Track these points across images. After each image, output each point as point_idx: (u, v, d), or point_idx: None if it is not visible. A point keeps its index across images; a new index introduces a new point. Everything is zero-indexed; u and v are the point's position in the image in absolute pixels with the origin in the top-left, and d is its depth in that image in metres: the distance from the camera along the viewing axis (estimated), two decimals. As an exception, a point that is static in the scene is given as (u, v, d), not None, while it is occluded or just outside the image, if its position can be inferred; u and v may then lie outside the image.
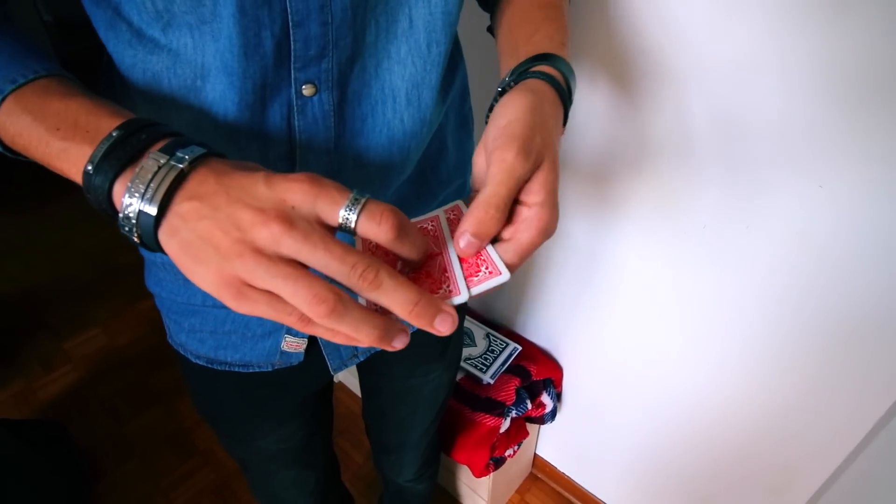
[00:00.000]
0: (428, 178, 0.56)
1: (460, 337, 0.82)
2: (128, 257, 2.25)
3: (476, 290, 0.34)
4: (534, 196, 0.35)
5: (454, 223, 0.40)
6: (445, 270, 0.36)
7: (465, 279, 0.35)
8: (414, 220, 0.41)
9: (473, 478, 1.23)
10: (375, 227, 0.30)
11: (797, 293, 0.79)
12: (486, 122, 0.40)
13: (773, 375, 0.88)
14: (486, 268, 0.35)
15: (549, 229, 0.35)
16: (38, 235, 2.39)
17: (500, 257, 0.35)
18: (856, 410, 0.81)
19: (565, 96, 0.41)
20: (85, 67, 0.73)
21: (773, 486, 0.98)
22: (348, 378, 1.71)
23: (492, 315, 1.35)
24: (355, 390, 1.71)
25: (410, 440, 0.88)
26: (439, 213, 0.41)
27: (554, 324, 1.20)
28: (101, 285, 2.13)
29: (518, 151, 0.34)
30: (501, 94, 0.41)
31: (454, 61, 0.55)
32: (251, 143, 0.43)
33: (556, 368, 1.23)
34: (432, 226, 0.40)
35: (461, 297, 0.34)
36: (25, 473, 1.29)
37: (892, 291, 0.70)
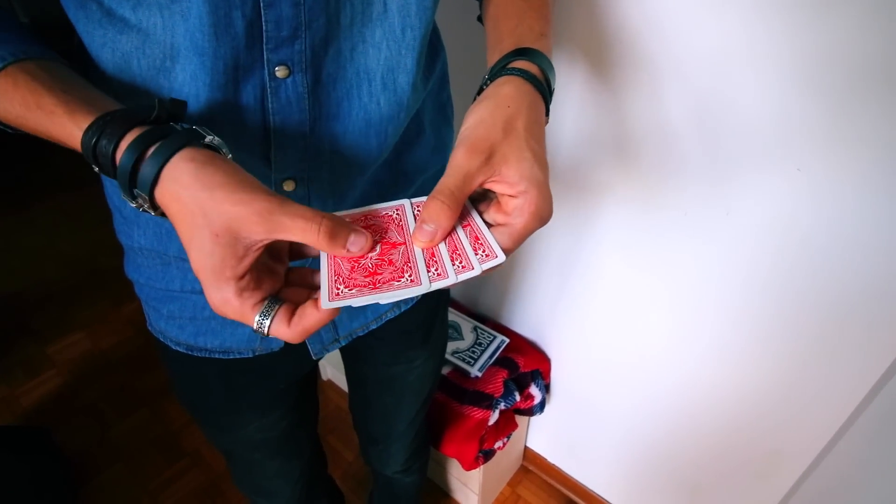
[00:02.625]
0: (405, 161, 0.56)
1: (444, 325, 0.82)
2: (111, 261, 2.22)
3: (470, 274, 0.36)
4: (515, 186, 0.37)
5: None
6: (408, 260, 0.37)
7: (466, 259, 0.37)
8: (381, 205, 0.42)
9: (464, 471, 1.23)
10: None
11: (779, 280, 0.79)
12: None
13: (757, 362, 0.89)
14: (484, 251, 0.37)
15: (541, 212, 0.37)
16: (21, 239, 2.36)
17: (496, 240, 0.38)
18: (837, 395, 0.82)
19: (543, 89, 0.42)
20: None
21: (759, 472, 0.99)
22: (337, 375, 1.70)
23: (478, 308, 1.35)
24: (345, 388, 1.70)
25: (397, 430, 0.88)
26: (405, 203, 0.42)
27: (540, 315, 1.20)
28: (85, 289, 2.10)
29: (466, 150, 0.37)
30: (479, 92, 0.43)
31: (434, 48, 0.55)
32: (224, 125, 0.42)
33: (544, 360, 1.23)
34: (397, 214, 0.41)
35: (448, 280, 0.36)
36: (8, 481, 1.27)
37: (872, 279, 0.71)
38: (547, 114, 0.43)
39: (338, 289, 0.35)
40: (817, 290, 0.76)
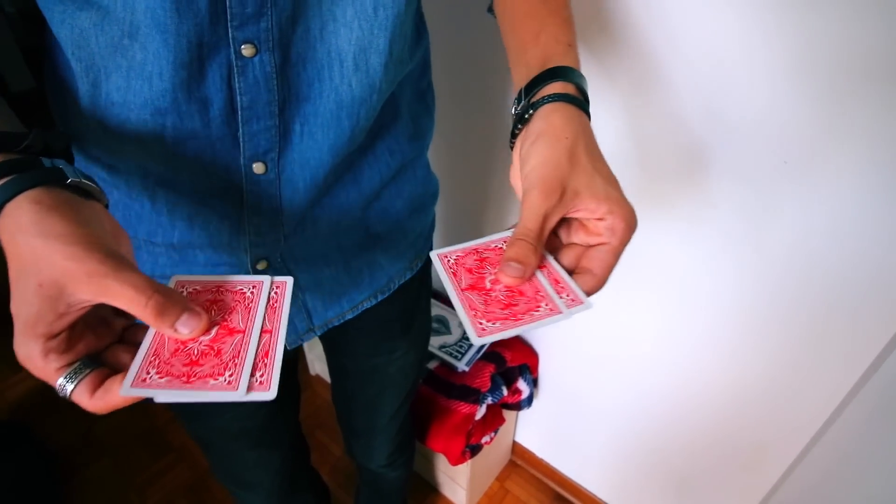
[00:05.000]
0: (379, 147, 0.55)
1: (426, 317, 0.81)
2: (99, 255, 2.21)
3: (558, 318, 0.36)
4: (597, 211, 0.38)
5: (273, 304, 0.38)
6: (236, 355, 0.34)
7: (551, 301, 0.37)
8: (240, 278, 0.39)
9: (451, 466, 1.22)
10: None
11: (767, 275, 0.79)
12: (511, 148, 0.44)
13: (745, 356, 0.88)
14: (567, 294, 0.37)
15: (630, 224, 0.38)
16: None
17: (579, 287, 0.38)
18: (824, 388, 0.82)
19: (585, 107, 0.43)
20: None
21: (747, 465, 0.99)
22: (326, 371, 1.69)
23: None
24: (333, 383, 1.69)
25: (379, 423, 0.87)
26: (265, 280, 0.39)
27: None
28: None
29: (540, 192, 0.37)
30: (520, 119, 0.43)
31: (418, 32, 0.54)
32: (191, 105, 0.41)
33: (532, 354, 1.22)
34: (252, 293, 0.38)
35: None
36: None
37: (859, 272, 0.71)
38: None
39: (147, 374, 0.33)
40: (804, 283, 0.76)
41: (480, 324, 0.35)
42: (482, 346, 1.18)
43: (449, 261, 0.40)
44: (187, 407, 0.66)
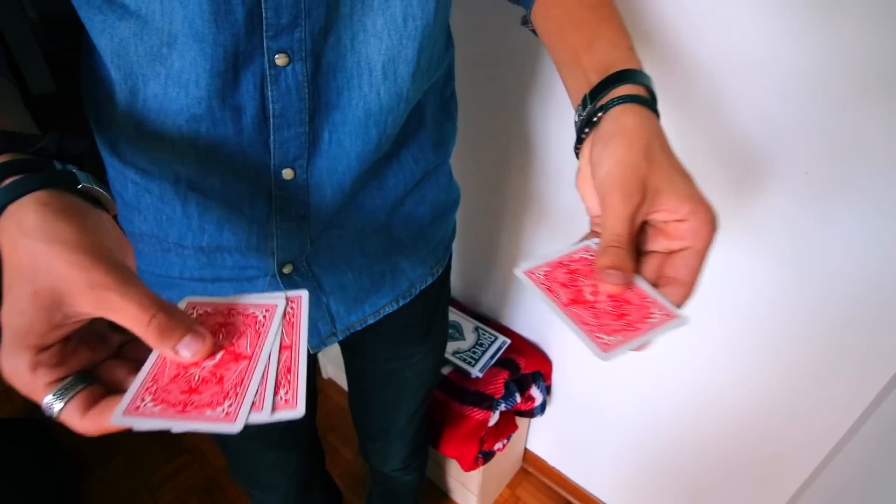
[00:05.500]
0: (404, 155, 0.56)
1: (445, 321, 0.81)
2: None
3: (643, 339, 0.34)
4: (678, 211, 0.36)
5: (291, 320, 0.36)
6: (239, 383, 0.32)
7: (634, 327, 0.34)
8: (254, 298, 0.37)
9: (463, 472, 1.22)
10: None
11: (785, 287, 0.79)
12: (577, 155, 0.42)
13: (761, 368, 0.88)
14: (659, 310, 0.35)
15: (714, 223, 0.36)
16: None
17: (668, 299, 0.36)
18: (842, 402, 0.81)
19: (655, 108, 0.41)
20: (73, 65, 0.72)
21: (761, 478, 0.98)
22: (338, 374, 1.70)
23: (480, 308, 1.34)
24: (345, 387, 1.69)
25: (396, 427, 0.87)
26: (280, 300, 0.37)
27: (542, 316, 1.20)
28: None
29: (621, 194, 0.36)
30: (587, 123, 0.41)
31: (445, 43, 0.55)
32: (224, 113, 0.42)
33: (545, 361, 1.22)
34: (264, 316, 0.36)
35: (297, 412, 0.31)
36: (9, 471, 1.27)
37: (879, 288, 0.70)
38: None
39: (142, 401, 0.30)
40: (824, 295, 0.76)
41: (600, 338, 0.33)
42: (496, 353, 1.18)
43: (539, 277, 0.38)
44: None
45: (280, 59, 0.41)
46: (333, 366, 1.69)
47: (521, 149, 1.01)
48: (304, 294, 0.38)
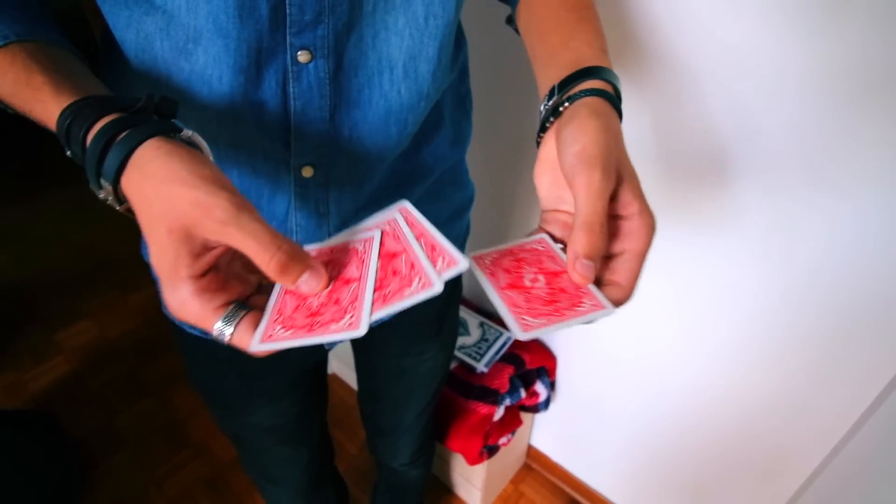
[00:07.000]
0: (423, 153, 0.56)
1: (456, 318, 0.82)
2: (119, 250, 2.23)
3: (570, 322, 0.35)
4: (629, 207, 0.36)
5: (391, 238, 0.39)
6: (355, 299, 0.35)
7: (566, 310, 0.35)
8: (355, 232, 0.41)
9: (467, 467, 1.23)
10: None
11: (791, 285, 0.79)
12: (538, 144, 0.41)
13: (766, 364, 0.88)
14: (590, 301, 0.36)
15: (654, 229, 0.36)
16: (30, 228, 2.37)
17: (603, 295, 0.36)
18: (846, 397, 0.81)
19: (619, 107, 0.42)
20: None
21: (765, 473, 0.99)
22: (343, 370, 1.71)
23: (485, 304, 1.35)
24: (349, 382, 1.70)
25: (406, 422, 0.88)
26: (376, 233, 0.40)
27: (548, 312, 1.20)
28: (93, 278, 2.12)
29: (602, 172, 0.35)
30: (553, 112, 0.41)
31: (458, 42, 0.55)
32: (246, 108, 0.42)
33: (550, 357, 1.23)
34: (363, 248, 0.39)
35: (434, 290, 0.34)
36: (19, 461, 1.28)
37: (884, 286, 0.71)
38: None
39: (273, 330, 0.34)
40: (828, 292, 0.76)
41: (524, 319, 0.34)
42: (501, 348, 1.19)
43: (486, 262, 0.40)
44: (222, 403, 0.67)
45: (302, 56, 0.41)
46: (338, 361, 1.70)
47: (531, 147, 1.01)
48: (376, 233, 0.40)
